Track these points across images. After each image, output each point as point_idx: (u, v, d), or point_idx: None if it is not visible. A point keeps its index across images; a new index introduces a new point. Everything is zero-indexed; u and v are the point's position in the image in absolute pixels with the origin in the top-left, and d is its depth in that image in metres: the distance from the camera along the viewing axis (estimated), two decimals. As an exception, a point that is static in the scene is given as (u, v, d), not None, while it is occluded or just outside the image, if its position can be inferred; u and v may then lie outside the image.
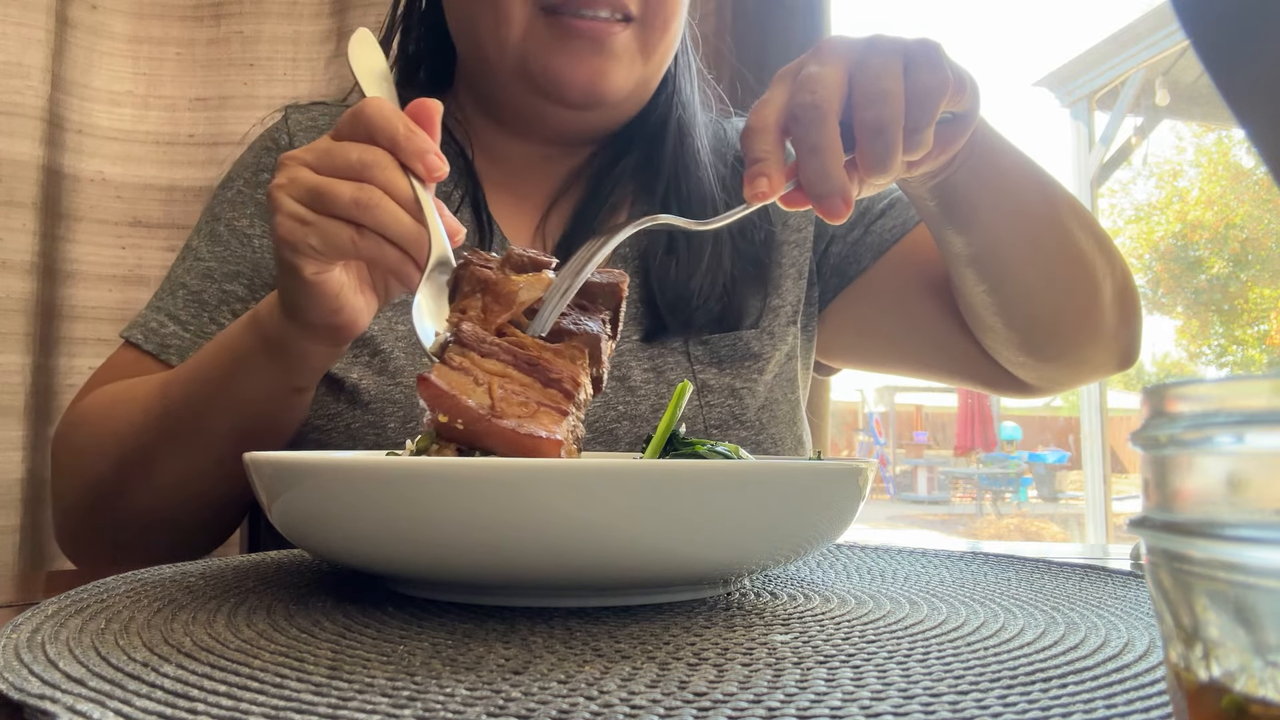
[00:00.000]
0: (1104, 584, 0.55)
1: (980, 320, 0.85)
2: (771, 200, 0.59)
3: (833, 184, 0.58)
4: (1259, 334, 15.23)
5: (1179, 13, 0.26)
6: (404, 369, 0.81)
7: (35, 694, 0.32)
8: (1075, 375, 0.89)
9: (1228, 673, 0.21)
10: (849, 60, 0.59)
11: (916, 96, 0.59)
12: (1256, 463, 0.20)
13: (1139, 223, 16.35)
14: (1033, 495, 12.52)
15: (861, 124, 0.59)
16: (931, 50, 0.61)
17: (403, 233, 0.60)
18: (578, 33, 0.81)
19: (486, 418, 0.48)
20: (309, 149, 0.62)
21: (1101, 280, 0.82)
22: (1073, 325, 0.83)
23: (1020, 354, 0.86)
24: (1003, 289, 0.80)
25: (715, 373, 0.85)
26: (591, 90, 0.82)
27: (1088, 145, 8.18)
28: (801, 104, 0.58)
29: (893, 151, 0.59)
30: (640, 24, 0.83)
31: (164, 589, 0.51)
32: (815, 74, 0.58)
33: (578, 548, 0.41)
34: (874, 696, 0.32)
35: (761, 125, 0.59)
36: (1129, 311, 0.86)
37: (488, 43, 0.84)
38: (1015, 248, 0.78)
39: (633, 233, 0.59)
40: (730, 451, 0.58)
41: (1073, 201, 0.81)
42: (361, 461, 0.43)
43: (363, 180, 0.60)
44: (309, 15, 1.31)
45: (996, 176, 0.74)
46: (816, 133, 0.58)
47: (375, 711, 0.30)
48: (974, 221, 0.76)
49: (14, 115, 1.18)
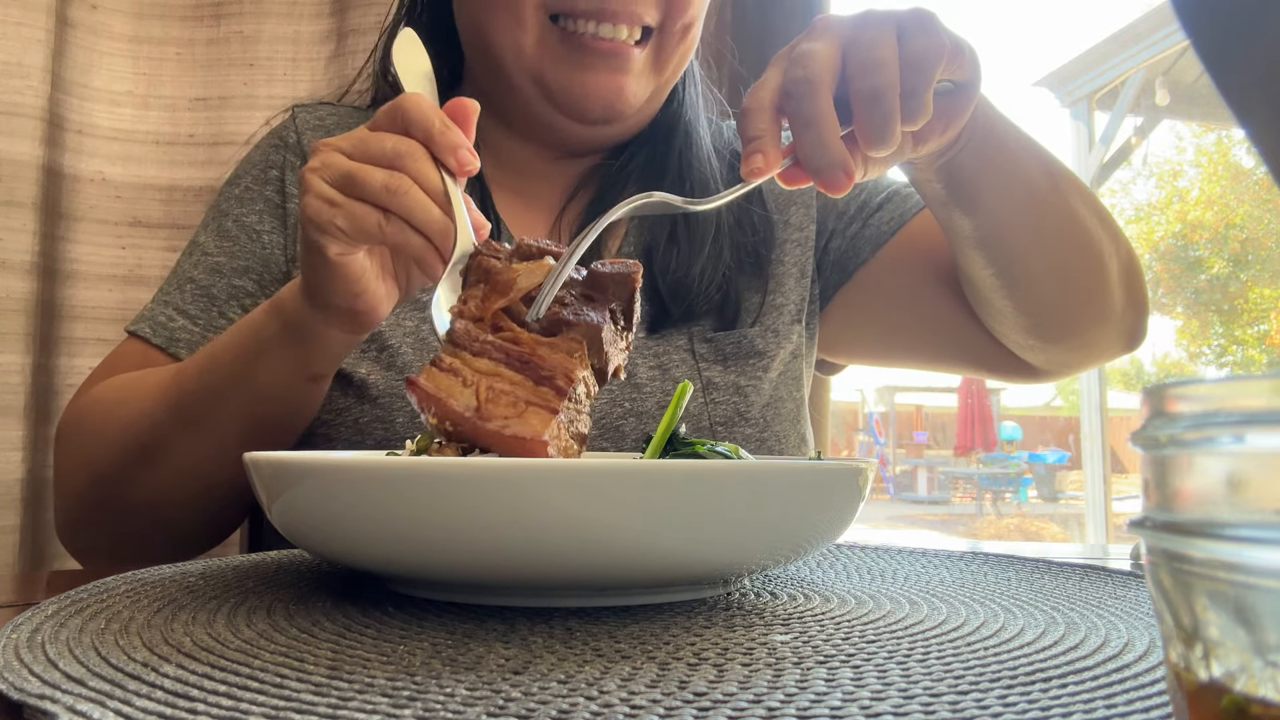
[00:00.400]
0: (1104, 584, 0.55)
1: (988, 304, 0.85)
2: (769, 176, 0.59)
3: (830, 155, 0.58)
4: (1259, 334, 15.23)
5: (1179, 13, 0.26)
6: (412, 364, 0.82)
7: (35, 694, 0.32)
8: (1084, 358, 0.89)
9: (1228, 673, 0.21)
10: (842, 35, 0.59)
11: (911, 62, 0.59)
12: (1256, 463, 0.20)
13: (1139, 223, 16.34)
14: (1033, 495, 12.52)
15: (857, 94, 0.59)
16: (925, 17, 0.61)
17: (430, 222, 0.60)
18: (598, 51, 0.81)
19: (472, 420, 0.48)
20: (345, 137, 0.63)
21: (1108, 260, 0.82)
22: (1080, 305, 0.83)
23: (1029, 337, 0.86)
24: (1011, 270, 0.80)
25: (720, 370, 0.86)
26: (610, 107, 0.83)
27: (1088, 145, 8.18)
28: (794, 79, 0.58)
29: (891, 119, 0.59)
30: (658, 34, 0.83)
31: (164, 589, 0.51)
32: (807, 50, 0.59)
33: (578, 548, 0.41)
34: (874, 696, 0.32)
35: (756, 105, 0.59)
36: (1135, 292, 0.86)
37: (504, 50, 0.84)
38: (1022, 228, 0.78)
39: (628, 210, 0.59)
40: (730, 451, 0.58)
41: (1076, 181, 0.81)
42: (361, 461, 0.43)
43: (395, 169, 0.60)
44: (309, 15, 1.31)
45: (1002, 156, 0.74)
46: (809, 106, 0.58)
47: (375, 711, 0.30)
48: (981, 202, 0.76)
49: (14, 115, 1.18)
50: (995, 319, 0.86)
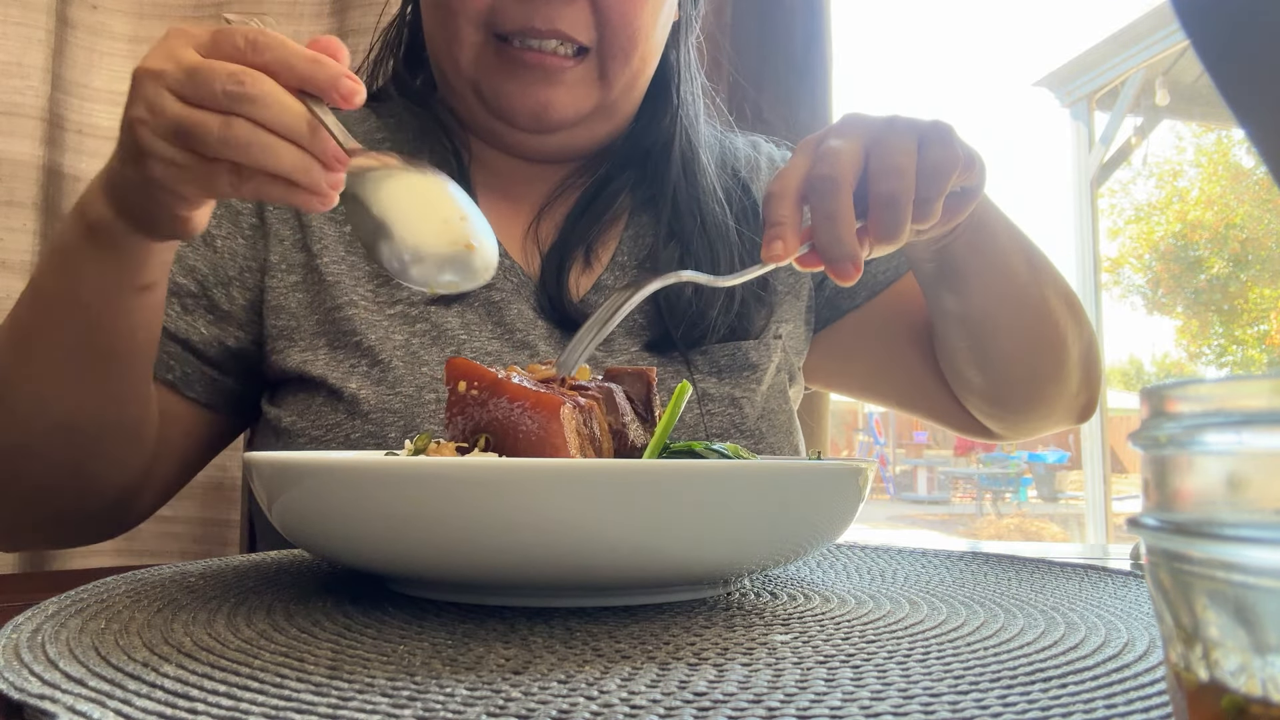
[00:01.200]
0: (1104, 584, 0.55)
1: (958, 372, 0.92)
2: (787, 262, 0.63)
3: (845, 249, 0.62)
4: (1259, 334, 15.23)
5: (1179, 13, 0.26)
6: (403, 379, 0.80)
7: (35, 694, 0.32)
8: (1037, 428, 0.97)
9: (1228, 673, 0.21)
10: (867, 136, 0.64)
11: (928, 171, 0.64)
12: (1256, 463, 0.20)
13: (1139, 223, 16.35)
14: (1033, 495, 12.52)
15: (876, 196, 0.63)
16: (944, 130, 0.66)
17: (284, 168, 0.55)
18: (525, 63, 0.81)
19: (501, 380, 0.51)
20: (170, 58, 0.56)
21: (1070, 345, 0.88)
22: (1041, 383, 0.90)
23: (990, 405, 0.93)
24: (983, 346, 0.87)
25: (715, 382, 0.86)
26: (538, 117, 0.83)
27: (1088, 145, 8.18)
28: (820, 175, 0.62)
29: (903, 222, 0.64)
30: (598, 55, 0.83)
31: (164, 589, 0.51)
32: (834, 148, 0.63)
33: (578, 548, 0.41)
34: (874, 696, 0.32)
35: (781, 191, 0.63)
36: (1091, 374, 0.93)
37: (445, 63, 0.86)
38: (1000, 311, 0.84)
39: (656, 287, 0.62)
40: (730, 451, 0.58)
41: (1053, 272, 0.88)
42: (361, 461, 0.43)
43: (233, 112, 0.54)
44: (309, 15, 1.31)
45: (992, 248, 0.80)
46: (832, 201, 0.62)
47: (375, 711, 0.30)
48: (966, 285, 0.82)
49: (14, 115, 1.18)
50: (961, 385, 0.93)
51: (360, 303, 0.83)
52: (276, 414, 0.83)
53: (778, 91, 1.30)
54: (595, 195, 0.90)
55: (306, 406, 0.81)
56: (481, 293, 0.84)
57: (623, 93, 0.87)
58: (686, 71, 0.94)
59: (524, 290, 0.86)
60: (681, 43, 0.94)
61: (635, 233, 0.90)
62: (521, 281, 0.86)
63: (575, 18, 0.81)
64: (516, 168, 0.92)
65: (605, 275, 0.88)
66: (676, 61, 0.93)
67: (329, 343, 0.82)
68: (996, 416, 0.94)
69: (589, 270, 0.88)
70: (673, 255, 0.87)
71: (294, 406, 0.82)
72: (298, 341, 0.83)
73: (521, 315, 0.85)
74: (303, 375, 0.81)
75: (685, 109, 0.93)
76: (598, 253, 0.89)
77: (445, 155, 0.88)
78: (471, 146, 0.91)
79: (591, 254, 0.88)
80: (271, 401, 0.85)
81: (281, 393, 0.84)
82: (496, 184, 0.91)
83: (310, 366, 0.81)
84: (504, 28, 0.81)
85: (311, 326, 0.83)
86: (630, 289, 0.61)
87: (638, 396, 0.60)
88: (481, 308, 0.84)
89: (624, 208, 0.91)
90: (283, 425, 0.81)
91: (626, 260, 0.89)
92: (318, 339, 0.82)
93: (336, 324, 0.82)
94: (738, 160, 0.97)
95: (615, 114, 0.89)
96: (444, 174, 0.60)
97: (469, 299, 0.84)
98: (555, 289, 0.85)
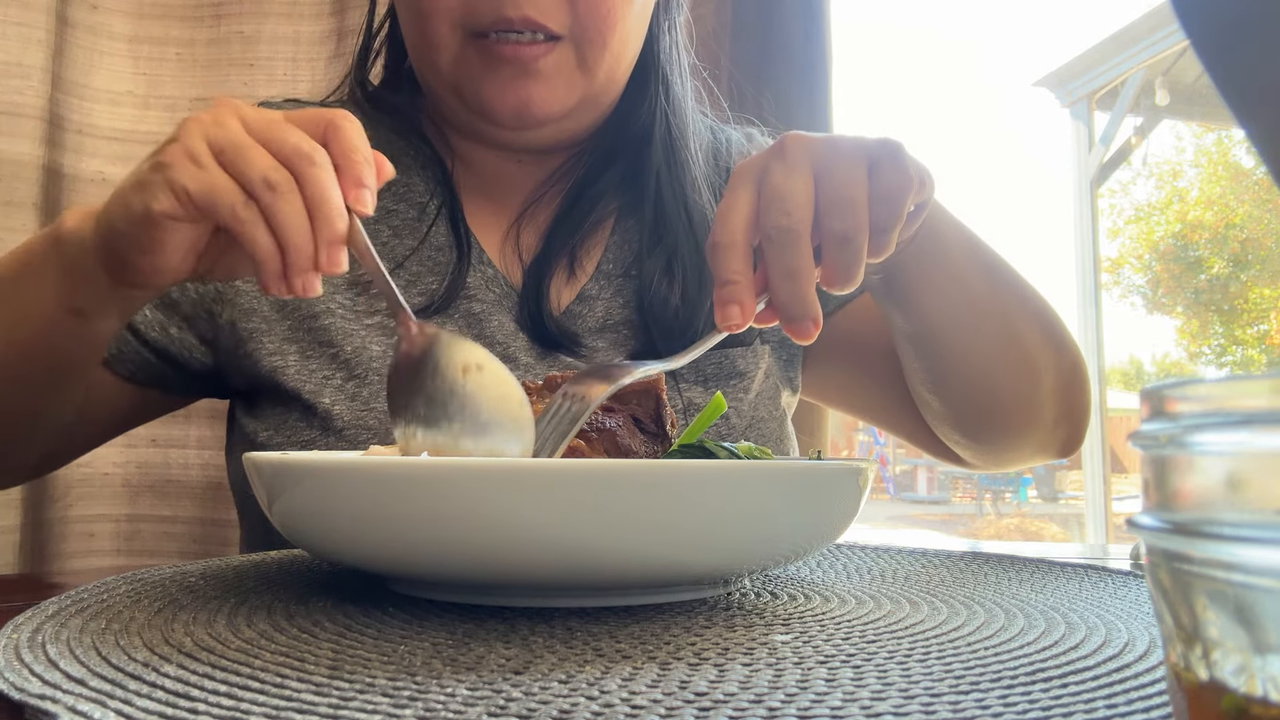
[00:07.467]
0: (1104, 584, 0.55)
1: (917, 395, 0.86)
2: (744, 329, 0.56)
3: (807, 308, 0.56)
4: (1259, 334, 15.22)
5: (1179, 13, 0.26)
6: (379, 394, 0.79)
7: (36, 694, 0.32)
8: (1010, 459, 0.89)
9: (1228, 673, 0.21)
10: (815, 166, 0.57)
11: (881, 198, 0.58)
12: (1256, 463, 0.20)
13: (1139, 223, 16.34)
14: (1033, 495, 12.53)
15: (829, 234, 0.57)
16: (893, 149, 0.59)
17: (291, 231, 0.54)
18: (501, 58, 0.79)
19: None
20: (257, 110, 0.57)
21: (1043, 371, 0.81)
22: (1008, 412, 0.83)
23: (954, 432, 0.87)
24: (938, 368, 0.81)
25: (701, 391, 0.84)
26: (520, 114, 0.81)
27: (1088, 145, 8.17)
28: (777, 227, 0.55)
29: (858, 262, 0.57)
30: (573, 41, 0.81)
31: (164, 589, 0.51)
32: (785, 190, 0.56)
33: (578, 548, 0.41)
34: (874, 696, 0.32)
35: (729, 241, 0.56)
36: (1073, 405, 0.85)
37: (425, 67, 0.85)
38: (953, 330, 0.78)
39: (627, 382, 0.54)
40: (741, 451, 0.57)
41: (1024, 289, 0.81)
42: (361, 461, 0.43)
43: (290, 166, 0.54)
44: (309, 15, 1.31)
45: (942, 258, 0.74)
46: (792, 256, 0.55)
47: (376, 712, 0.30)
48: (913, 300, 0.76)
49: (14, 115, 1.18)
50: (924, 409, 0.87)
51: (338, 311, 0.82)
52: (253, 427, 0.82)
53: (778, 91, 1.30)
54: (578, 197, 0.88)
55: (282, 421, 0.80)
56: (462, 304, 0.83)
57: (605, 81, 0.85)
58: (672, 51, 0.91)
59: (506, 302, 0.85)
60: (663, 21, 0.91)
61: (621, 239, 0.89)
62: (504, 293, 0.85)
63: (547, 4, 0.79)
64: (501, 166, 0.90)
65: (589, 285, 0.87)
66: (658, 42, 0.90)
67: (300, 350, 0.81)
68: (964, 445, 0.88)
69: (572, 280, 0.87)
70: (657, 264, 0.86)
71: (269, 420, 0.81)
72: (266, 344, 0.81)
73: (503, 327, 0.83)
74: (275, 384, 0.80)
75: (670, 88, 0.90)
76: (581, 261, 0.87)
77: (430, 161, 0.88)
78: (456, 146, 0.90)
79: (575, 262, 0.87)
80: (247, 413, 0.84)
81: (256, 404, 0.83)
82: (480, 185, 0.90)
83: (281, 374, 0.80)
84: (478, 23, 0.79)
85: (283, 331, 0.82)
86: (603, 381, 0.53)
87: (646, 414, 0.56)
88: (462, 319, 0.83)
89: (609, 212, 0.89)
90: (258, 440, 0.81)
91: (612, 269, 0.88)
92: (288, 344, 0.81)
93: (312, 332, 0.81)
94: (730, 154, 0.95)
95: (596, 104, 0.87)
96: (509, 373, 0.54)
97: (449, 311, 0.83)
98: (535, 305, 0.83)
